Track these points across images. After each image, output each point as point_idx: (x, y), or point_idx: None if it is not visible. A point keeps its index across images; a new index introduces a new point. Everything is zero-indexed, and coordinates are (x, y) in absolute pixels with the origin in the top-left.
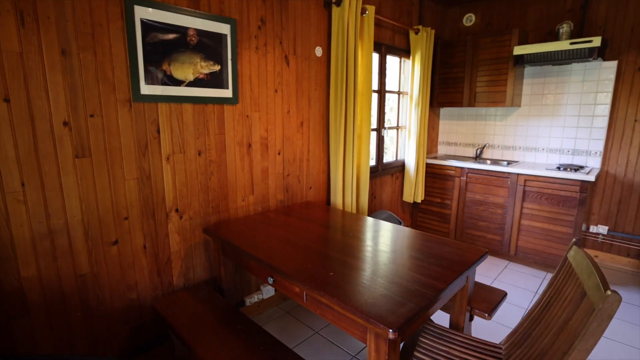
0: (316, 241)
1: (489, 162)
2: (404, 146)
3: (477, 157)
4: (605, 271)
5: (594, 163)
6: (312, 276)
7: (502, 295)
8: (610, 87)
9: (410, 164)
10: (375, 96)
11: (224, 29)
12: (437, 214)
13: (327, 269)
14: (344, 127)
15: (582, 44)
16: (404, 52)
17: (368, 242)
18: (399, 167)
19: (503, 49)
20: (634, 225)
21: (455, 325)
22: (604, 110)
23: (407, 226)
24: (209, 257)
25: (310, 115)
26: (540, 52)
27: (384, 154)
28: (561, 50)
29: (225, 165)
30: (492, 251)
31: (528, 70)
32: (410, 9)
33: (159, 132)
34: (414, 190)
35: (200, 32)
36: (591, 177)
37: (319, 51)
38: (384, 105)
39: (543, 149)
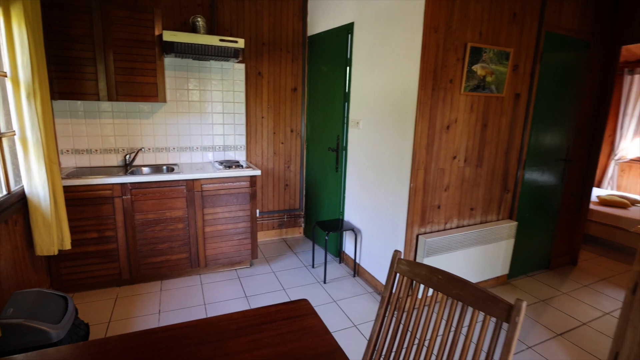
0: None
1: (145, 169)
2: (18, 166)
3: (128, 166)
4: (265, 246)
5: (241, 156)
6: None
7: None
8: (243, 87)
9: (38, 192)
10: None
11: None
12: (97, 255)
13: None
14: None
15: (230, 43)
16: None
17: None
18: (17, 204)
19: (145, 30)
20: (273, 203)
21: None
22: (241, 108)
23: (49, 288)
24: None
25: None
26: (194, 44)
27: None
28: (212, 45)
29: None
30: (182, 272)
31: (169, 61)
32: None
33: None
34: (55, 234)
35: None
36: (258, 172)
37: None
38: None
39: (197, 148)
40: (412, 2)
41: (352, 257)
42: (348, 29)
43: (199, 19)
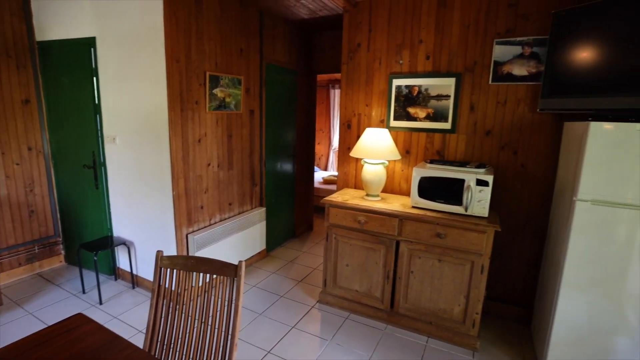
0: None
1: None
2: None
3: None
4: (13, 288)
5: None
6: None
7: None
8: None
9: None
10: None
11: None
12: None
13: None
14: None
15: None
16: None
17: None
18: None
19: None
20: (15, 235)
21: None
22: None
23: None
24: None
25: None
26: None
27: None
28: None
29: None
30: None
31: None
32: None
33: None
34: None
35: None
36: None
37: None
38: None
39: None
40: (152, 33)
41: (129, 270)
42: (90, 42)
43: None
